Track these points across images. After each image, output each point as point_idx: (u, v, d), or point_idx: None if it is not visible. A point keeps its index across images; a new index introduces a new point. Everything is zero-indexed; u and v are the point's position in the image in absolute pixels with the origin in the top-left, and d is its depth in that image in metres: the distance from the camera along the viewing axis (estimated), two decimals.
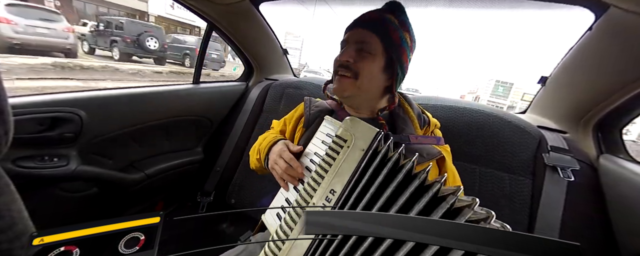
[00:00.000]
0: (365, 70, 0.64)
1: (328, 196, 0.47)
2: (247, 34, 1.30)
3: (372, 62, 0.64)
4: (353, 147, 0.49)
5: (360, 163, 0.47)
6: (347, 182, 0.46)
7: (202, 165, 1.36)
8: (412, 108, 0.73)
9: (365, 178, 0.45)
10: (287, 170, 0.60)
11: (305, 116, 0.77)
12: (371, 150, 0.47)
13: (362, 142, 0.49)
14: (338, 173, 0.48)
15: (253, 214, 1.18)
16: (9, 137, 0.32)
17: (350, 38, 0.66)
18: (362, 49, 0.64)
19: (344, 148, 0.50)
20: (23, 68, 4.93)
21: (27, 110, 0.79)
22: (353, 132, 0.51)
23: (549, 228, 0.79)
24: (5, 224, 0.31)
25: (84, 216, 1.03)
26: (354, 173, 0.46)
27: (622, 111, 0.81)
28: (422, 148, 0.65)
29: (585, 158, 0.86)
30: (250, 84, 1.51)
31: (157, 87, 1.15)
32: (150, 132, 1.13)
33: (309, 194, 0.50)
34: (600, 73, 0.80)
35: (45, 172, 0.83)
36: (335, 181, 0.48)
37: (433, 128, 0.75)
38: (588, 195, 0.81)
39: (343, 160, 0.49)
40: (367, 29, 0.64)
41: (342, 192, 0.46)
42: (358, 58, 0.64)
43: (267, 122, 1.30)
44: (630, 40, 0.68)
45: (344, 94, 0.68)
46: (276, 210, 0.59)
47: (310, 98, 0.82)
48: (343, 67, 0.66)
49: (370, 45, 0.63)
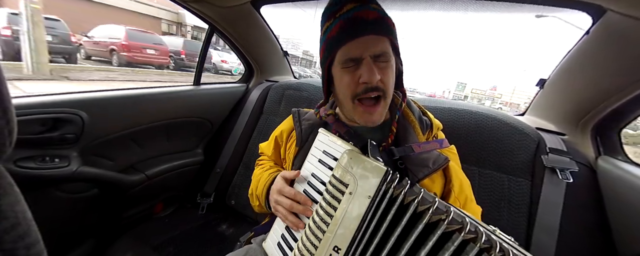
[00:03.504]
0: (390, 83, 0.56)
1: (332, 255, 0.43)
2: (248, 36, 1.31)
3: (392, 71, 0.56)
4: (356, 194, 0.42)
5: (366, 214, 0.41)
6: (352, 238, 0.41)
7: (202, 166, 1.36)
8: (412, 112, 0.67)
9: (370, 230, 0.41)
10: (292, 208, 0.53)
11: (297, 133, 0.70)
12: (379, 196, 0.41)
13: (367, 186, 0.42)
14: (342, 225, 0.42)
15: (252, 216, 1.19)
16: (13, 137, 0.33)
17: (364, 51, 0.54)
18: (380, 59, 0.55)
19: (346, 195, 0.43)
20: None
21: (28, 111, 0.79)
22: (355, 172, 0.43)
23: (548, 230, 0.80)
24: (8, 224, 0.31)
25: (84, 217, 1.03)
26: (360, 227, 0.41)
27: (620, 113, 0.82)
28: (428, 157, 0.60)
29: (583, 160, 0.86)
30: (250, 86, 1.51)
31: (158, 88, 1.15)
32: (150, 133, 1.13)
33: (308, 250, 0.45)
34: (598, 76, 0.80)
35: (46, 172, 0.83)
36: (339, 234, 0.42)
37: (436, 131, 0.69)
38: (587, 196, 0.81)
39: (346, 210, 0.42)
40: (378, 34, 0.54)
41: (348, 250, 0.42)
42: (381, 72, 0.54)
43: (267, 123, 1.30)
44: (628, 44, 0.68)
45: (378, 123, 0.59)
46: (277, 239, 0.55)
47: (298, 110, 0.74)
48: (374, 90, 0.55)
49: (387, 53, 0.55)
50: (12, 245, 0.30)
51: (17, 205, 0.32)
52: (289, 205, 0.53)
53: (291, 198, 0.54)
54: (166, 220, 1.17)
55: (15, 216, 0.31)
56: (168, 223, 1.15)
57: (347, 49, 0.55)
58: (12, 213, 0.31)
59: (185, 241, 1.02)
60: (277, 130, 0.79)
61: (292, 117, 0.74)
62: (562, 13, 0.78)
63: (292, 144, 0.72)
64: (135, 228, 1.07)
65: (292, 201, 0.53)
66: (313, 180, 0.53)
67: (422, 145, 0.61)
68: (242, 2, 1.05)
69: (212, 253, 0.97)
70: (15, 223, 0.31)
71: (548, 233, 0.79)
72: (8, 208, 0.31)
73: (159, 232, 1.05)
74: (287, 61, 1.60)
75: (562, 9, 0.75)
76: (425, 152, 0.61)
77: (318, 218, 0.45)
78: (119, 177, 1.04)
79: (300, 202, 0.52)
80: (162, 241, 0.99)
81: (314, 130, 0.66)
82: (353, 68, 0.56)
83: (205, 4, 1.04)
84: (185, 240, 1.03)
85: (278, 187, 0.58)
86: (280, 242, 0.54)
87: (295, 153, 0.70)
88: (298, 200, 0.52)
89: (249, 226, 1.12)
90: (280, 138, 0.77)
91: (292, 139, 0.73)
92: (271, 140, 0.80)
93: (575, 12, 0.73)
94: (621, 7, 0.63)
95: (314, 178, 0.53)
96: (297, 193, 0.54)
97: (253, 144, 1.29)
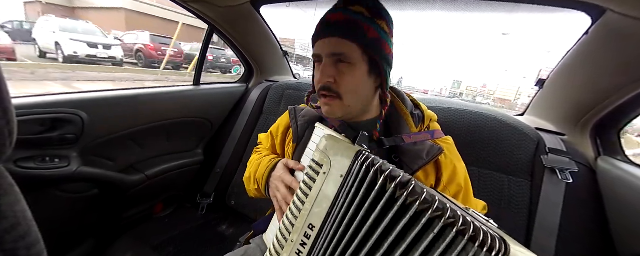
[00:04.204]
0: (350, 86, 0.58)
1: (307, 233, 0.43)
2: (248, 36, 1.31)
3: (353, 74, 0.57)
4: (330, 173, 0.43)
5: (338, 192, 0.42)
6: (326, 215, 0.42)
7: (202, 166, 1.36)
8: (404, 104, 0.67)
9: (343, 208, 0.40)
10: (287, 198, 0.54)
11: (293, 129, 0.71)
12: (352, 175, 0.41)
13: (339, 166, 0.43)
14: (316, 204, 0.43)
15: (252, 216, 1.19)
16: (13, 138, 0.33)
17: (323, 50, 0.57)
18: (340, 61, 0.56)
19: (320, 175, 0.44)
20: None
21: (28, 111, 0.79)
22: (329, 153, 0.44)
23: (548, 230, 0.80)
24: (9, 224, 0.31)
25: (84, 217, 1.03)
26: (333, 204, 0.42)
27: (620, 113, 0.82)
28: (421, 149, 0.61)
29: (583, 160, 0.86)
30: (250, 86, 1.51)
31: (158, 88, 1.15)
32: (150, 133, 1.13)
33: (287, 229, 0.46)
34: (598, 76, 0.81)
35: (46, 172, 0.84)
36: (314, 212, 0.43)
37: (428, 122, 0.69)
38: (586, 196, 0.81)
39: (320, 189, 0.43)
40: (339, 36, 0.55)
41: (322, 227, 0.42)
42: (337, 74, 0.57)
43: (267, 123, 1.30)
44: (627, 44, 0.68)
45: (335, 116, 0.62)
46: (277, 231, 0.54)
47: (295, 107, 0.75)
48: (325, 90, 0.58)
49: (348, 55, 0.55)
50: (13, 245, 0.30)
51: (17, 205, 0.32)
52: (286, 194, 0.55)
53: (289, 186, 0.56)
54: (166, 220, 1.18)
55: (15, 216, 0.31)
56: (168, 223, 1.15)
57: (316, 47, 0.60)
58: (12, 213, 0.31)
59: (185, 242, 1.02)
60: (275, 125, 0.81)
61: (288, 114, 0.75)
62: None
63: (290, 141, 0.73)
64: (135, 228, 1.07)
65: (289, 191, 0.55)
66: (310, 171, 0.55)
67: (413, 136, 0.62)
68: (241, 2, 1.05)
69: (212, 253, 0.97)
70: (16, 223, 0.31)
71: (548, 234, 0.79)
72: (8, 208, 0.31)
73: (159, 232, 1.05)
74: (287, 61, 1.60)
75: (561, 9, 0.75)
76: (417, 142, 0.62)
77: (297, 199, 0.47)
78: (119, 177, 1.04)
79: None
80: (162, 242, 0.99)
81: (310, 126, 0.68)
82: (319, 66, 0.60)
83: (205, 4, 1.05)
84: (185, 240, 1.03)
85: (279, 173, 0.60)
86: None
87: (293, 149, 0.71)
88: (294, 187, 0.54)
89: (249, 226, 1.12)
90: (276, 132, 0.78)
91: (290, 136, 0.73)
92: (268, 133, 0.83)
93: (574, 12, 0.73)
94: (620, 7, 0.63)
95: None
96: (294, 180, 0.56)
97: (253, 144, 1.29)
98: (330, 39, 0.56)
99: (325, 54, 0.57)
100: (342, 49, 0.55)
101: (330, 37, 0.56)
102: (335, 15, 0.56)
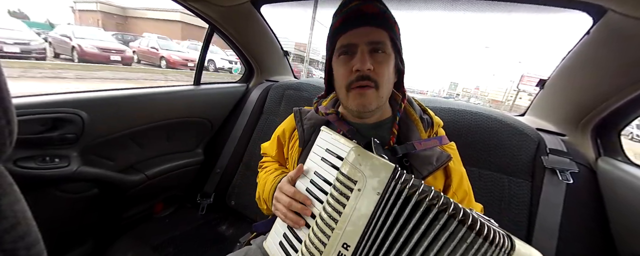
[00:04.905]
0: (385, 76, 0.57)
1: (341, 252, 0.43)
2: (248, 35, 1.31)
3: (388, 64, 0.57)
4: (365, 190, 0.42)
5: (375, 210, 0.41)
6: (361, 234, 0.42)
7: (202, 166, 1.36)
8: (414, 110, 0.67)
9: (378, 225, 0.41)
10: (291, 206, 0.52)
11: (299, 133, 0.69)
12: (388, 192, 0.41)
13: (376, 182, 0.42)
14: (351, 222, 0.42)
15: (253, 216, 1.19)
16: (13, 137, 0.32)
17: (361, 39, 0.56)
18: (377, 51, 0.57)
19: (354, 191, 0.43)
20: None
21: (28, 111, 0.79)
22: (363, 169, 0.43)
23: (548, 231, 0.80)
24: (8, 224, 0.31)
25: (84, 217, 1.03)
26: (369, 223, 0.41)
27: (620, 113, 0.82)
28: (431, 155, 0.61)
29: (583, 160, 0.86)
30: (250, 86, 1.51)
31: (158, 88, 1.15)
32: (150, 133, 1.13)
33: (317, 248, 0.44)
34: (598, 76, 0.80)
35: (46, 172, 0.83)
36: (348, 231, 0.42)
37: (436, 128, 0.69)
38: (587, 197, 0.81)
39: (355, 207, 0.42)
40: (376, 26, 0.56)
41: (357, 246, 0.42)
42: (375, 63, 0.56)
43: (267, 123, 1.30)
44: (628, 44, 0.68)
45: (370, 108, 0.59)
46: (278, 238, 0.54)
47: (299, 109, 0.74)
48: (364, 78, 0.56)
49: (385, 45, 0.56)
50: (13, 245, 0.30)
51: (17, 204, 0.32)
52: (288, 202, 0.52)
53: (290, 196, 0.53)
54: (166, 220, 1.17)
55: (15, 216, 0.31)
56: (168, 223, 1.15)
57: (346, 37, 0.58)
58: (12, 213, 0.31)
59: (185, 242, 1.02)
60: (279, 129, 0.79)
61: (293, 116, 0.74)
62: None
63: (294, 144, 0.72)
64: (135, 228, 1.07)
65: (291, 199, 0.52)
66: (316, 178, 0.52)
67: (423, 142, 0.62)
68: (242, 1, 1.05)
69: (212, 254, 0.97)
70: (15, 223, 0.31)
71: (548, 234, 0.79)
72: (8, 208, 0.31)
73: (159, 232, 1.05)
74: (287, 61, 1.60)
75: (562, 9, 0.75)
76: (427, 148, 0.62)
77: (326, 215, 0.45)
78: (119, 177, 1.04)
79: (299, 201, 0.51)
80: (162, 242, 0.99)
81: (316, 130, 0.66)
82: (349, 58, 0.58)
83: (205, 4, 1.04)
84: (185, 240, 1.03)
85: (279, 185, 0.58)
86: (283, 241, 0.53)
87: (299, 153, 0.69)
88: (297, 198, 0.52)
89: (249, 227, 1.12)
90: (283, 137, 0.77)
91: (295, 138, 0.72)
92: (273, 139, 0.79)
93: (575, 12, 0.73)
94: (622, 8, 0.63)
95: (317, 176, 0.51)
96: (296, 191, 0.53)
97: (253, 144, 1.29)
98: (369, 27, 0.56)
99: (363, 42, 0.56)
100: (380, 37, 0.57)
101: (368, 26, 0.56)
102: (368, 7, 0.57)
